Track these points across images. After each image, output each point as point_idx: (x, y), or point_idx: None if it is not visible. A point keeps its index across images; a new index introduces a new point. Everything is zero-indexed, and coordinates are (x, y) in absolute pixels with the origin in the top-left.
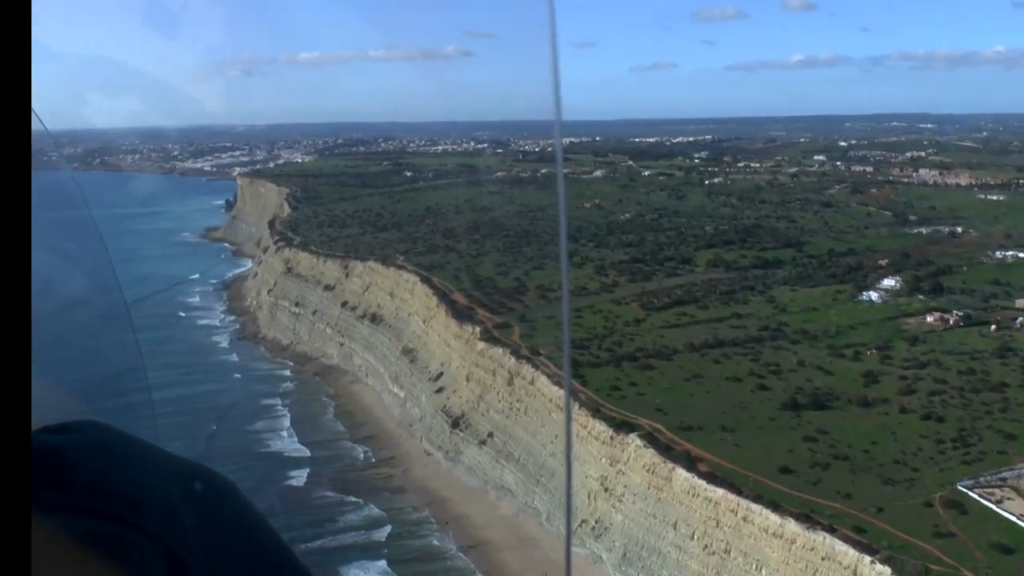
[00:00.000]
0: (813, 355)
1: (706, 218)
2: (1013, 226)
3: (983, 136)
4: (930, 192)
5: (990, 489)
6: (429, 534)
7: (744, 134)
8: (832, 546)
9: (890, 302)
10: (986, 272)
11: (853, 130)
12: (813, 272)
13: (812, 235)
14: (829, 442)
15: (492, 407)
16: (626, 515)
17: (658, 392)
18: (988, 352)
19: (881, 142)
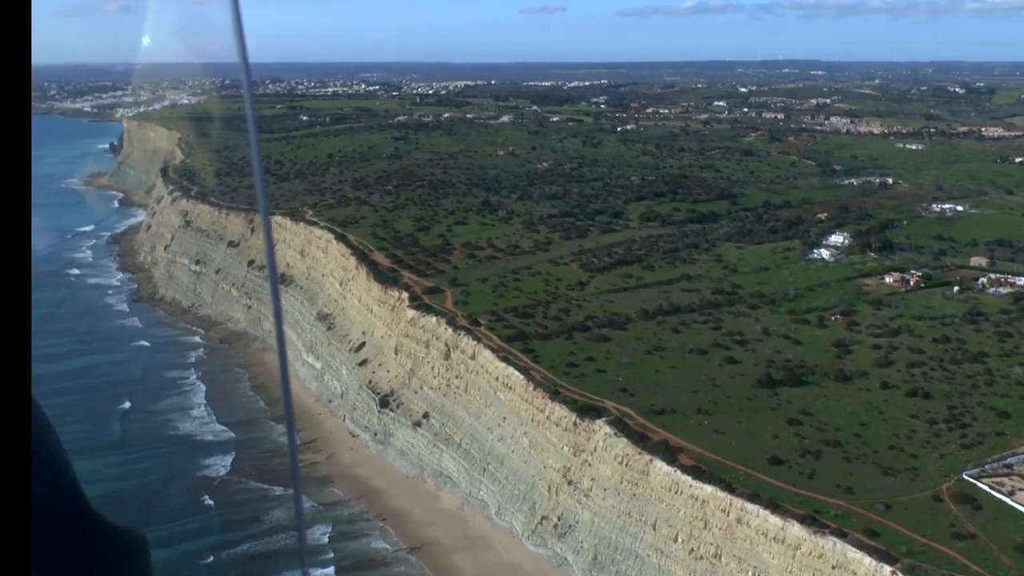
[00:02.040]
0: (776, 322)
1: (628, 167)
2: (940, 176)
3: (876, 83)
4: (847, 141)
5: (998, 478)
6: (367, 533)
7: (638, 79)
8: (844, 553)
9: (843, 261)
10: (927, 226)
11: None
12: (753, 227)
13: (743, 186)
14: (815, 425)
15: (426, 383)
16: (595, 512)
17: (619, 368)
18: (958, 317)
19: (780, 88)
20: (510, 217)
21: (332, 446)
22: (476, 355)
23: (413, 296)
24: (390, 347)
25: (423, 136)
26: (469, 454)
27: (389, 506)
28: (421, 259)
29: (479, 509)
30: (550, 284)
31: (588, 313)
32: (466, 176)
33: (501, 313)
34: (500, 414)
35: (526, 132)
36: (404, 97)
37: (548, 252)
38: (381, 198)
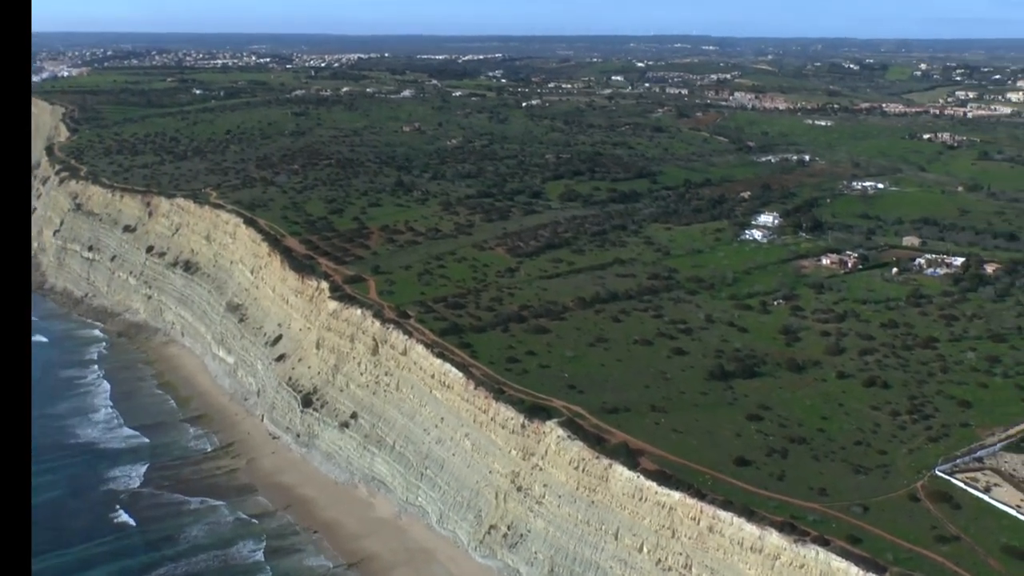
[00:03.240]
0: (718, 308)
1: (539, 144)
2: (853, 153)
3: (770, 59)
4: (756, 117)
5: (971, 473)
6: (300, 548)
7: (532, 53)
8: (828, 562)
9: (777, 242)
10: (851, 204)
11: (639, 51)
12: (677, 206)
13: (660, 164)
14: (776, 420)
15: (353, 381)
16: (549, 521)
17: (563, 363)
18: (902, 300)
19: (676, 63)
20: (426, 198)
21: (252, 449)
22: (408, 351)
23: (333, 286)
24: (310, 341)
25: (324, 111)
26: (404, 458)
27: (320, 516)
28: (338, 245)
29: (418, 517)
30: (478, 271)
31: (522, 302)
32: (374, 154)
33: (430, 304)
34: (437, 414)
35: (430, 107)
36: (298, 70)
37: (471, 236)
38: (288, 178)
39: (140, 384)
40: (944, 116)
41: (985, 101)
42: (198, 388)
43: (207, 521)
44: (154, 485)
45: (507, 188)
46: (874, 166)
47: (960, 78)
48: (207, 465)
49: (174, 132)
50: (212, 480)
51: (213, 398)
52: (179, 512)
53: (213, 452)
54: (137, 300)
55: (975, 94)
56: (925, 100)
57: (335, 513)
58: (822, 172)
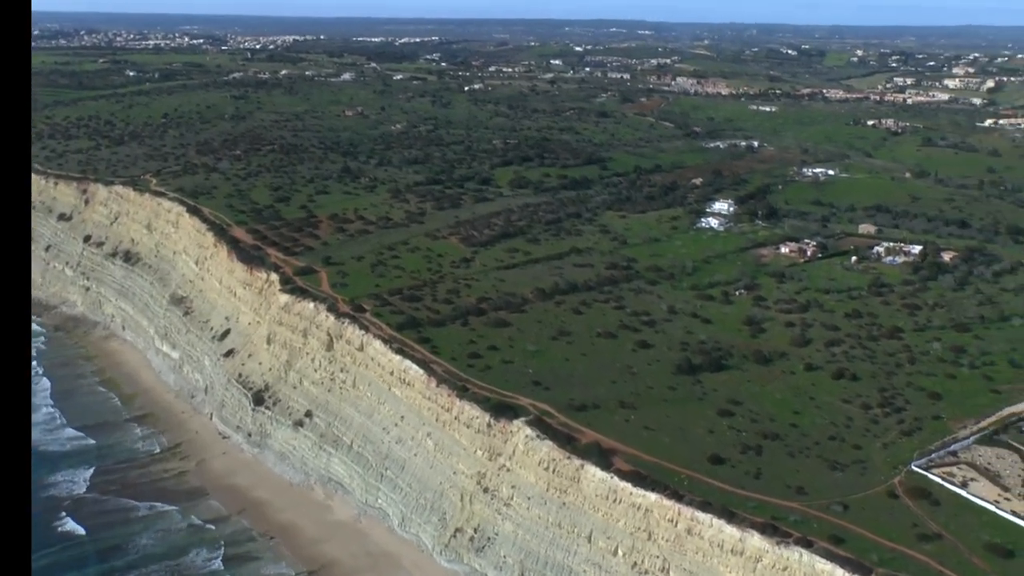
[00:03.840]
0: (679, 299)
1: (484, 129)
2: (799, 139)
3: (706, 44)
4: (700, 102)
5: (947, 468)
6: (258, 556)
7: (468, 36)
8: (812, 564)
9: (733, 230)
10: (804, 191)
11: (575, 35)
12: (630, 194)
13: (608, 149)
14: (748, 415)
15: (306, 377)
16: (518, 524)
17: (526, 358)
18: (864, 289)
19: (614, 48)
20: (374, 185)
21: (201, 450)
22: (364, 346)
23: (284, 278)
24: (260, 336)
25: (264, 95)
26: (362, 458)
27: (276, 520)
28: (286, 234)
29: (379, 520)
30: (432, 261)
31: (480, 294)
32: (318, 139)
33: (385, 296)
34: (397, 412)
35: (371, 91)
36: (234, 52)
37: (423, 224)
38: (231, 164)
39: (81, 381)
40: (885, 102)
41: (923, 87)
42: (142, 385)
43: (158, 528)
44: (100, 490)
45: (456, 175)
46: (822, 152)
47: (896, 64)
48: (155, 467)
49: (109, 115)
50: (161, 483)
51: (158, 395)
52: (128, 519)
53: (161, 453)
54: (74, 292)
55: (913, 80)
56: (864, 86)
57: (292, 516)
58: (771, 158)
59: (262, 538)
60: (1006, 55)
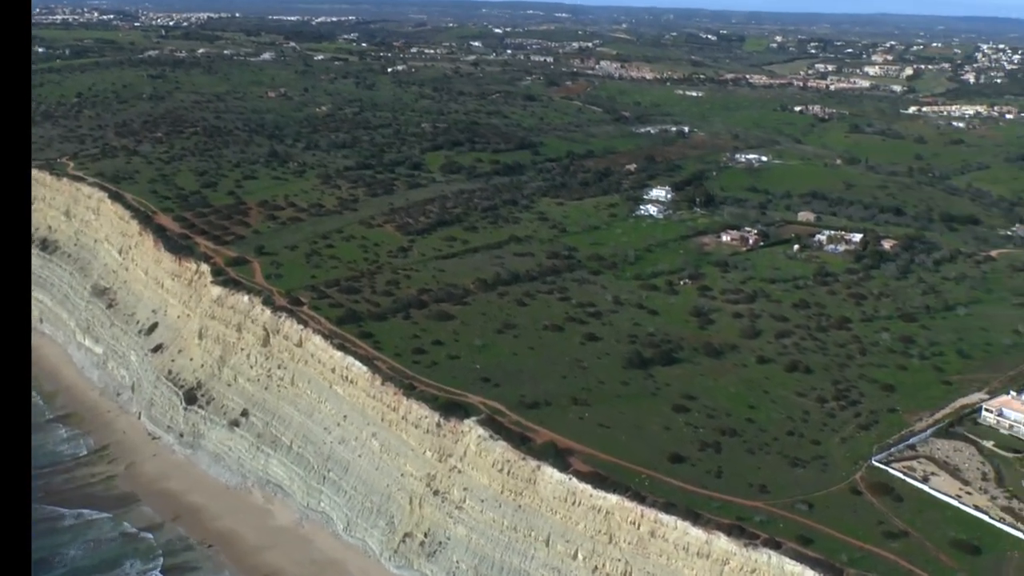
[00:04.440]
0: (624, 289)
1: (411, 112)
2: (728, 124)
3: (624, 27)
4: (625, 86)
5: (907, 462)
6: (197, 566)
7: (385, 16)
8: (781, 566)
9: (673, 218)
10: (738, 178)
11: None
12: (565, 180)
13: (539, 134)
14: (703, 411)
15: (242, 374)
16: (472, 527)
17: (473, 353)
18: (809, 279)
19: (534, 30)
20: (303, 170)
21: (130, 452)
22: (303, 341)
23: (215, 269)
24: (191, 330)
25: (182, 74)
26: (303, 459)
27: (214, 527)
28: (215, 222)
29: (322, 525)
30: (368, 251)
31: (420, 285)
32: (242, 122)
33: (323, 288)
34: (339, 411)
35: (292, 72)
36: (147, 29)
37: (356, 212)
38: (153, 147)
39: None
40: (809, 89)
41: (844, 74)
42: (63, 382)
43: (88, 538)
44: None
45: (386, 159)
46: (753, 138)
47: (815, 51)
48: (81, 472)
49: None
50: (89, 489)
51: (81, 393)
52: (54, 528)
53: (87, 456)
54: None
55: (834, 67)
56: (786, 72)
57: (230, 522)
58: (703, 144)
59: (200, 547)
60: (920, 43)
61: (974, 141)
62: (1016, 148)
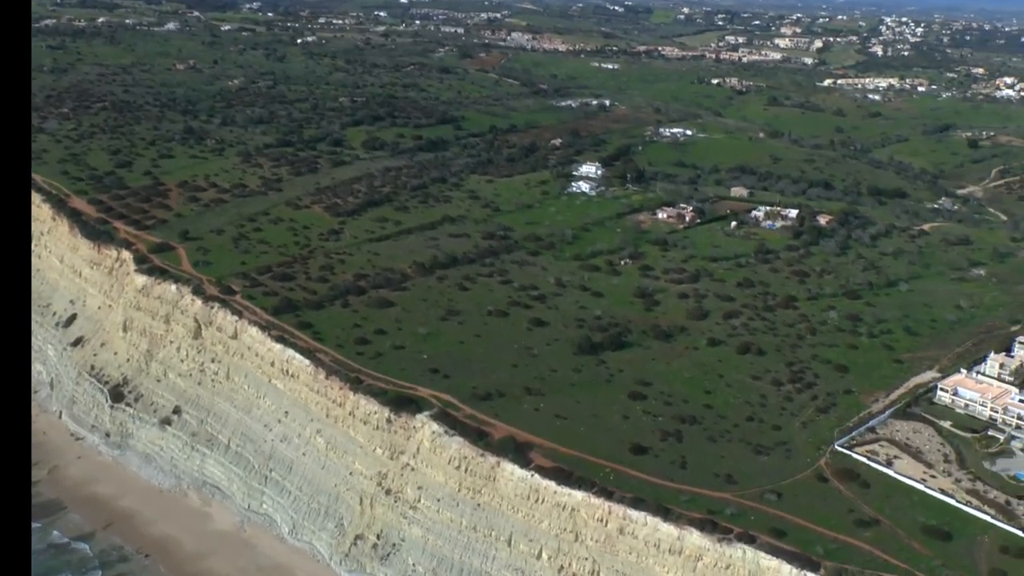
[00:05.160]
0: (565, 270)
1: (326, 86)
2: (646, 97)
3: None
4: (540, 58)
5: (869, 446)
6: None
7: None
8: (757, 561)
9: (606, 195)
10: (664, 152)
11: None
12: (491, 155)
13: (458, 108)
14: (660, 398)
15: (172, 369)
16: (428, 528)
17: (418, 342)
18: (750, 256)
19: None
20: (222, 148)
21: (53, 455)
22: (239, 333)
23: (138, 256)
24: (114, 322)
25: (84, 44)
26: (242, 458)
27: (150, 534)
28: (134, 205)
29: (265, 528)
30: (298, 234)
31: (356, 270)
32: (152, 96)
33: (255, 275)
34: (279, 407)
35: (199, 43)
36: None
37: (282, 192)
38: (60, 124)
39: None
40: (723, 61)
41: (755, 47)
42: None
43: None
44: None
45: (306, 135)
46: (674, 111)
47: (723, 23)
48: None
49: None
50: None
51: None
52: None
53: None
54: None
55: (744, 39)
56: (697, 44)
57: (167, 528)
58: (625, 117)
59: (137, 556)
60: (824, 15)
61: (891, 114)
62: (931, 120)
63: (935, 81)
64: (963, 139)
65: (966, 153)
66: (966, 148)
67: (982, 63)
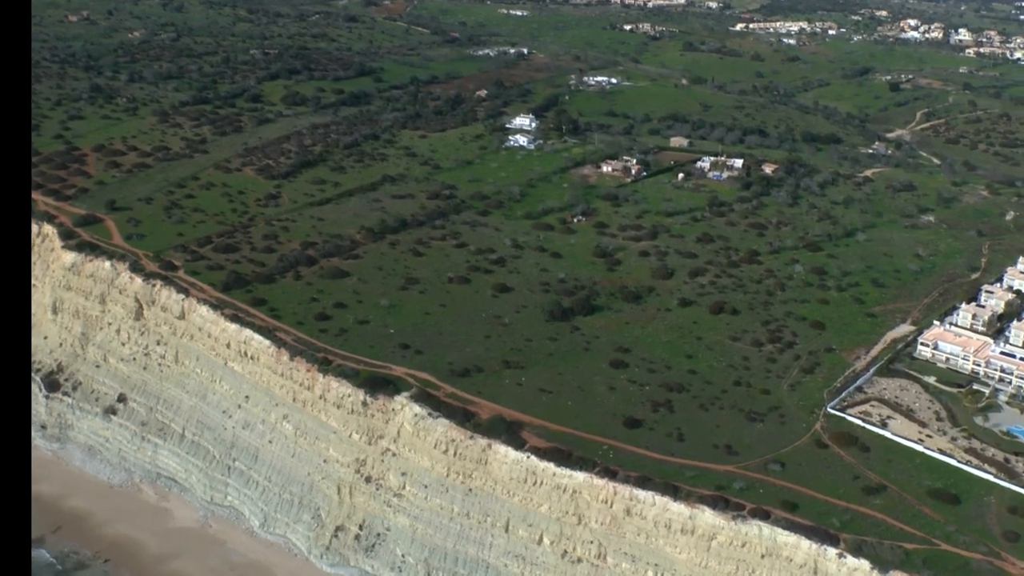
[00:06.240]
0: (518, 230)
1: (233, 37)
2: (563, 45)
3: None
4: (447, 5)
5: (861, 407)
6: None
7: None
8: (774, 538)
9: (546, 148)
10: (593, 102)
11: None
12: (418, 108)
13: (373, 58)
14: (643, 365)
15: (112, 353)
16: (415, 516)
17: (382, 314)
18: (704, 210)
19: None
20: (135, 107)
21: None
22: (187, 313)
23: (63, 231)
24: (41, 304)
25: None
26: (200, 448)
27: (106, 536)
28: (49, 173)
29: (232, 522)
30: (234, 200)
31: (302, 238)
32: (49, 51)
33: (195, 248)
34: (238, 392)
35: None
36: None
37: (208, 154)
38: None
39: None
40: (631, 6)
41: None
42: None
43: None
44: None
45: (221, 91)
46: (593, 59)
47: None
48: None
49: None
50: None
51: None
52: None
53: None
54: None
55: None
56: None
57: (124, 528)
58: (546, 66)
59: (95, 561)
60: None
61: (808, 58)
62: (849, 64)
63: (843, 24)
64: (884, 83)
65: (889, 96)
66: (888, 92)
67: (883, 5)
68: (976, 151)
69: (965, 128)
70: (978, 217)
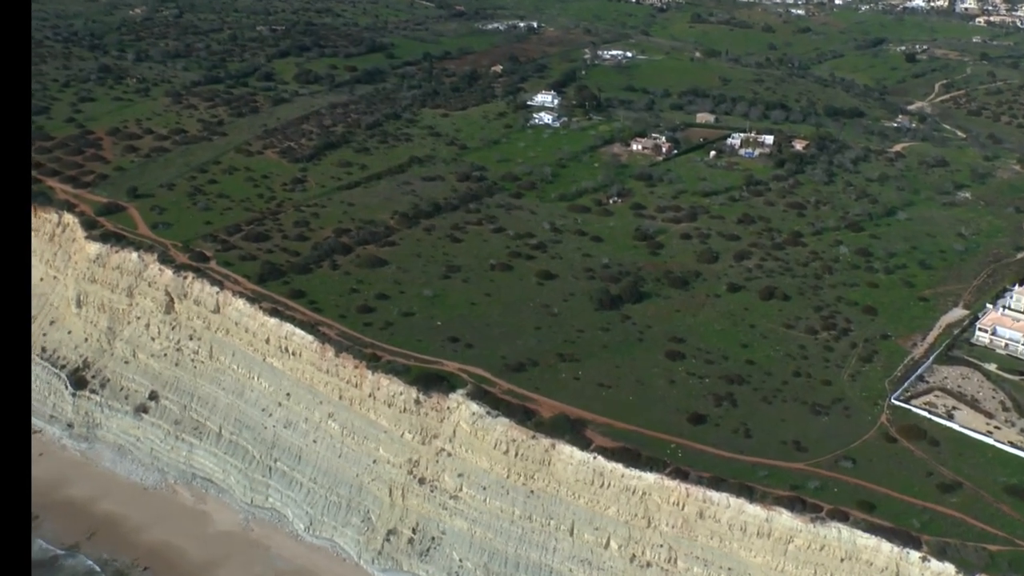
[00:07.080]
0: (555, 213)
1: (236, 13)
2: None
3: None
4: None
5: (925, 398)
6: None
7: None
8: (853, 541)
9: (572, 126)
10: (610, 77)
11: None
12: (434, 85)
13: (384, 34)
14: (700, 356)
15: (142, 349)
16: (473, 520)
17: (426, 306)
18: (741, 189)
19: None
20: (147, 87)
21: None
22: (222, 306)
23: (86, 220)
24: (64, 297)
25: None
26: (239, 447)
27: (143, 542)
28: (65, 159)
29: (275, 526)
30: (259, 185)
31: (334, 224)
32: (51, 30)
33: (224, 237)
34: (278, 389)
35: None
36: None
37: (227, 136)
38: None
39: None
40: None
41: None
42: None
43: None
44: None
45: (232, 70)
46: (604, 32)
47: None
48: None
49: None
50: None
51: None
52: None
53: None
54: None
55: None
56: None
57: (162, 534)
58: (558, 40)
59: (134, 569)
60: None
61: (820, 29)
62: (860, 35)
63: None
64: (899, 54)
65: (905, 68)
66: (904, 63)
67: None
68: (999, 124)
69: (986, 100)
70: (1014, 193)
